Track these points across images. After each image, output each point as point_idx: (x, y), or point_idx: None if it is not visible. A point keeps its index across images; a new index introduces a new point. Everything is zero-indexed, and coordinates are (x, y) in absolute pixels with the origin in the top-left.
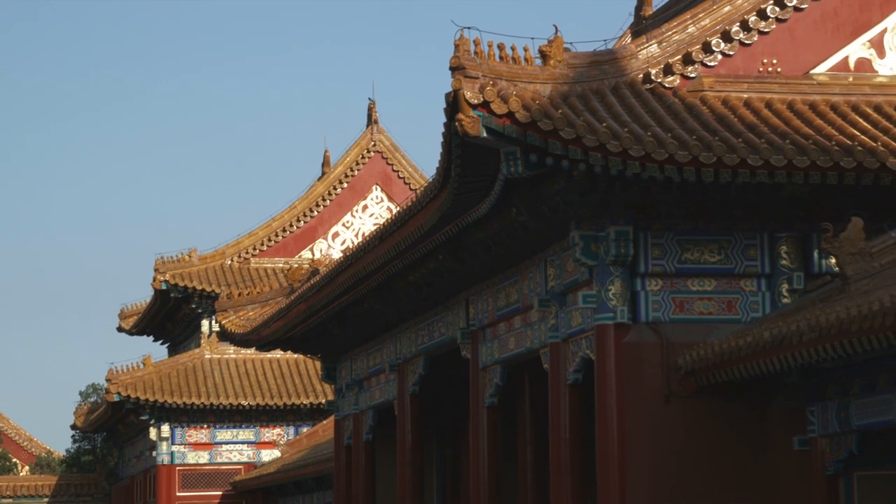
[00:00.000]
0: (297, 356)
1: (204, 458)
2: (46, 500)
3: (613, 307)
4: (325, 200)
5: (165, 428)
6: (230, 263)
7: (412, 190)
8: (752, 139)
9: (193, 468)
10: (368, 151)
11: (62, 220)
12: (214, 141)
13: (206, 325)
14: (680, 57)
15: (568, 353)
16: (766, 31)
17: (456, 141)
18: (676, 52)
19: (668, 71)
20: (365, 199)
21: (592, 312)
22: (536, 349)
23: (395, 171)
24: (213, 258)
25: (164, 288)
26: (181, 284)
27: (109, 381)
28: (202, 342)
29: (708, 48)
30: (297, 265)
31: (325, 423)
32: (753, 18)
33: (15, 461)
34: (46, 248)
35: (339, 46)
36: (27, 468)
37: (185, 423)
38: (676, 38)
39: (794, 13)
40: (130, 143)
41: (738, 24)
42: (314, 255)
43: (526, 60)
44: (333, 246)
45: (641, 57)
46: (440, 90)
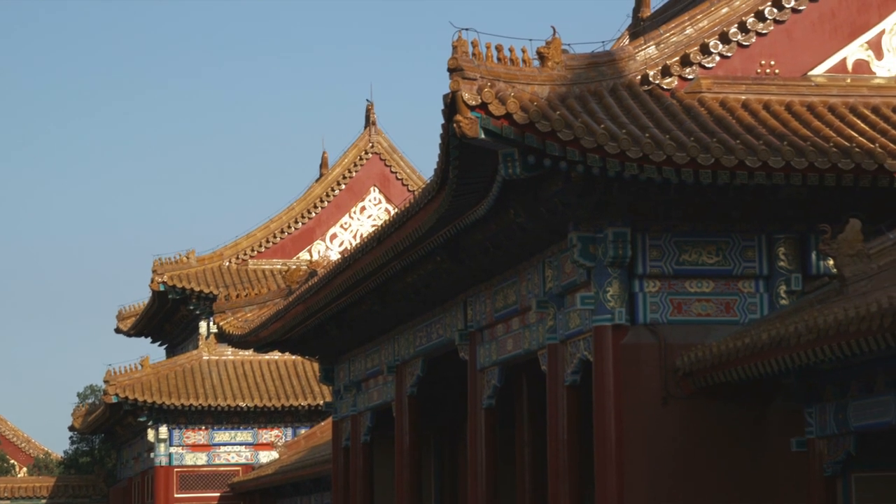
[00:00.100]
0: (295, 358)
1: (202, 459)
2: (44, 501)
3: (611, 309)
4: (323, 202)
5: (163, 429)
6: (228, 265)
7: (410, 191)
8: (750, 141)
9: (191, 470)
10: (366, 153)
11: (61, 221)
12: (213, 143)
13: (204, 326)
14: (678, 58)
15: (566, 354)
16: (763, 32)
17: (454, 142)
18: (674, 53)
19: (665, 72)
20: (363, 200)
21: (590, 314)
22: (534, 351)
23: (393, 172)
24: (211, 260)
25: (161, 289)
26: (179, 286)
27: (107, 382)
28: (200, 344)
29: (706, 50)
30: (295, 267)
31: (323, 424)
32: (751, 20)
33: (13, 462)
34: (45, 249)
35: (337, 48)
36: (25, 470)
37: (183, 424)
38: (674, 39)
39: (791, 15)
40: (129, 144)
41: (736, 25)
42: (312, 256)
43: (524, 62)
44: (331, 247)
45: (639, 58)
46: (438, 92)
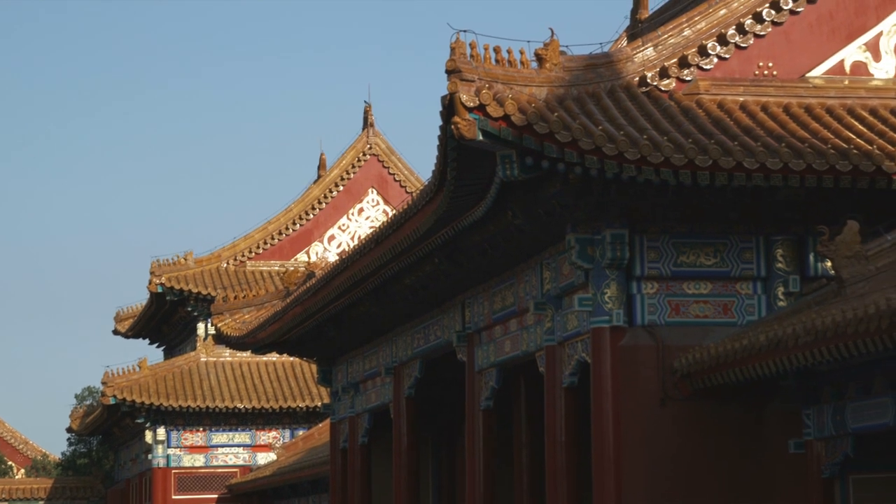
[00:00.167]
0: (292, 359)
1: (200, 461)
2: (42, 503)
3: (609, 310)
4: (320, 203)
5: (161, 431)
6: (226, 266)
7: (408, 193)
8: (747, 142)
9: (189, 471)
10: (364, 154)
11: (59, 222)
12: (210, 144)
13: (201, 328)
14: (676, 60)
15: (564, 356)
16: (761, 34)
17: (452, 144)
18: (672, 55)
19: (663, 74)
20: (361, 202)
21: (588, 315)
22: (532, 352)
23: (391, 174)
24: (208, 261)
25: (159, 291)
26: (177, 287)
27: (105, 383)
28: (198, 345)
29: (704, 51)
30: (292, 268)
31: (320, 426)
32: (749, 22)
33: (10, 464)
34: (43, 250)
35: (335, 49)
36: (23, 471)
37: (180, 426)
38: (672, 41)
39: (789, 16)
40: (127, 145)
41: (733, 27)
42: (310, 258)
43: (522, 63)
44: (329, 249)
45: (637, 60)
46: (436, 93)
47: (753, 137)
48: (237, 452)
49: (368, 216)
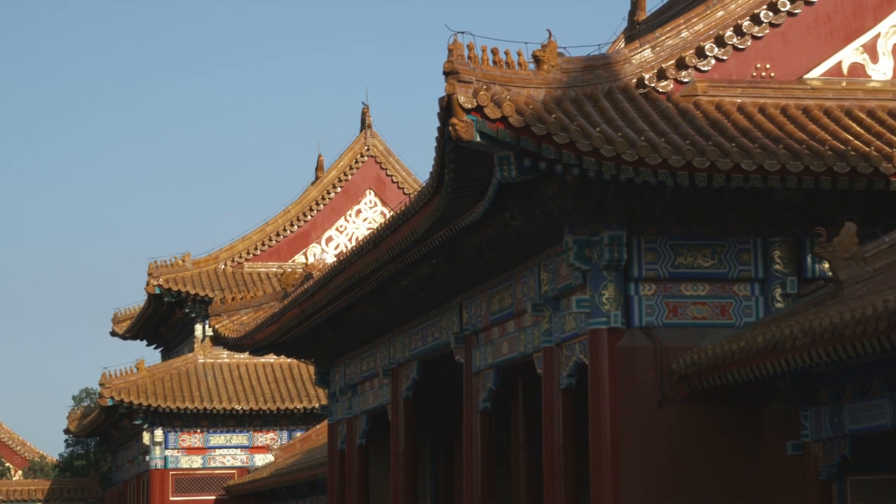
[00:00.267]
0: (290, 361)
1: (197, 462)
2: None
3: (607, 312)
4: (318, 205)
5: (159, 432)
6: (224, 268)
7: (406, 194)
8: (745, 144)
9: (187, 473)
10: (362, 156)
11: (58, 223)
12: (208, 146)
13: (199, 329)
14: (673, 62)
15: (561, 357)
16: (759, 35)
17: (450, 145)
18: (670, 56)
19: (661, 76)
20: (359, 203)
21: (586, 317)
22: (530, 354)
23: (388, 175)
24: (206, 262)
25: (157, 292)
26: (175, 289)
27: (103, 385)
28: (196, 346)
29: (701, 53)
30: (290, 269)
31: (318, 427)
32: (747, 23)
33: (8, 466)
34: (42, 251)
35: (333, 51)
36: (20, 473)
37: (178, 427)
38: (670, 42)
39: (787, 18)
40: (125, 148)
41: (731, 28)
42: (308, 259)
43: (519, 65)
44: (327, 250)
45: (635, 62)
46: (434, 95)
47: (751, 139)
48: (235, 454)
49: (366, 218)
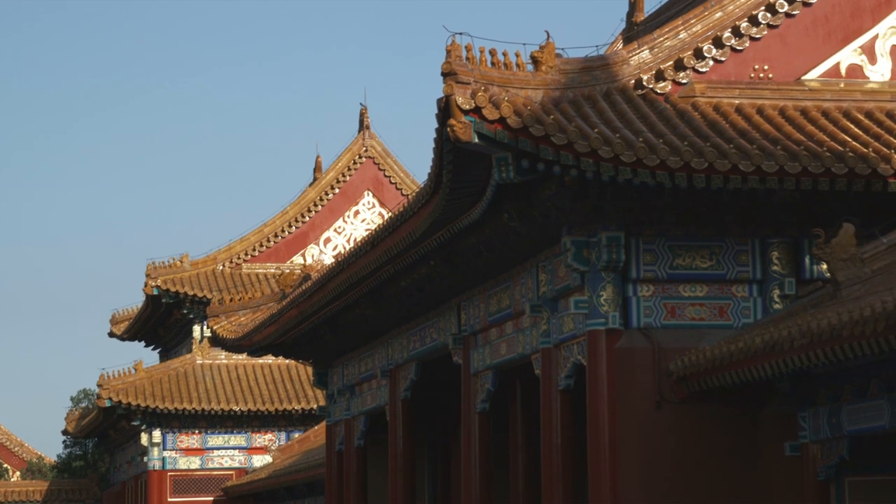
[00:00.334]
0: (288, 362)
1: (195, 463)
2: None
3: (605, 313)
4: (316, 206)
5: (157, 433)
6: (222, 269)
7: (404, 195)
8: (743, 145)
9: (185, 474)
10: (360, 157)
11: (56, 224)
12: (206, 147)
13: (197, 330)
14: (671, 63)
15: (559, 358)
16: (757, 37)
17: (448, 146)
18: (668, 58)
19: (659, 77)
20: (357, 204)
21: (584, 318)
22: (528, 355)
23: (386, 176)
24: (204, 263)
25: (155, 293)
26: (173, 290)
27: (101, 386)
28: (194, 348)
29: (699, 54)
30: (288, 271)
31: (316, 428)
32: (745, 24)
33: (6, 467)
34: (39, 252)
35: (331, 52)
36: (18, 474)
37: (176, 428)
38: (668, 44)
39: (785, 19)
40: (123, 148)
41: (729, 30)
42: (306, 260)
43: (517, 66)
44: (325, 251)
45: (633, 63)
46: (432, 96)
47: (749, 140)
48: (233, 455)
49: (364, 219)
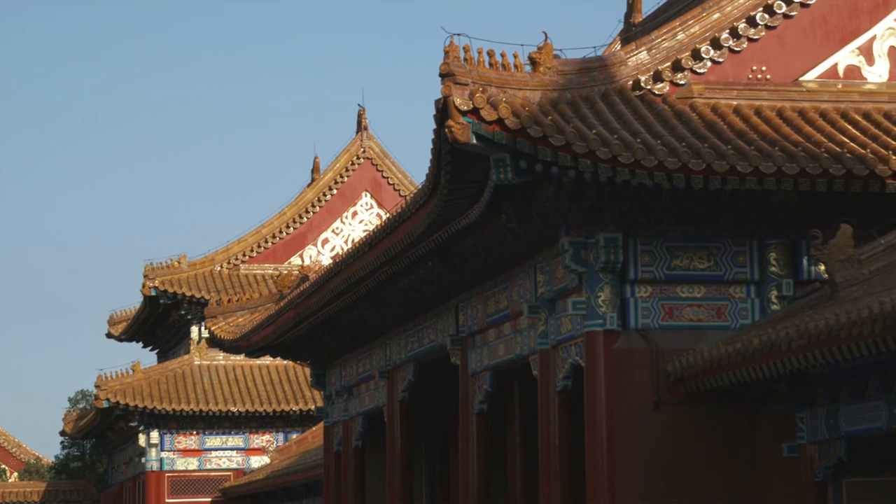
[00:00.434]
0: (286, 362)
1: (193, 464)
2: None
3: (603, 314)
4: (314, 207)
5: (154, 434)
6: (220, 270)
7: (402, 196)
8: (741, 146)
9: (182, 474)
10: (358, 158)
11: (54, 225)
12: (204, 148)
13: (195, 331)
14: (669, 64)
15: (557, 359)
16: (755, 38)
17: (445, 147)
18: (666, 58)
19: (657, 78)
20: (354, 205)
21: (582, 319)
22: (526, 356)
23: (384, 177)
24: (202, 264)
25: (153, 294)
26: (170, 291)
27: (98, 387)
28: (191, 348)
29: (697, 55)
30: (286, 272)
31: (314, 429)
32: (743, 25)
33: (3, 467)
34: (37, 252)
35: (328, 53)
36: (16, 474)
37: (174, 429)
38: (666, 45)
39: (783, 20)
40: (121, 150)
41: (727, 31)
42: (304, 261)
43: (515, 67)
44: (323, 252)
45: (631, 64)
46: (430, 97)
47: (747, 141)
48: (231, 456)
49: (362, 220)
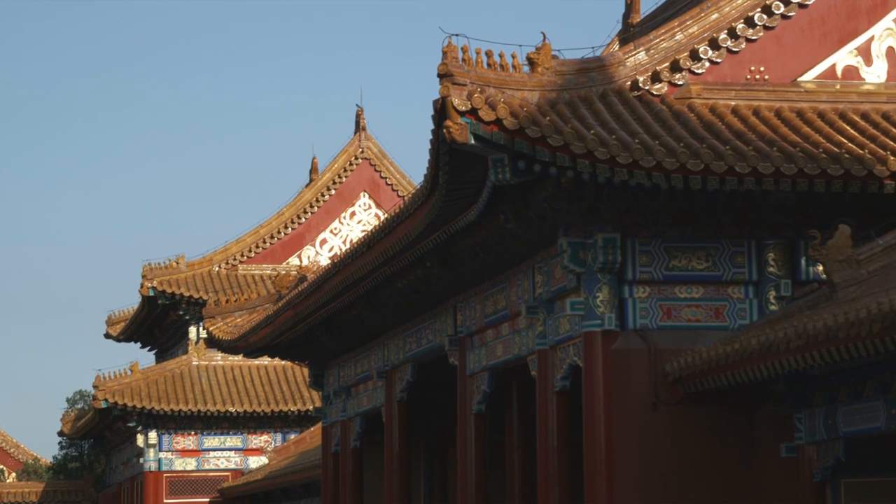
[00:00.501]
0: (284, 363)
1: (191, 464)
2: None
3: (601, 314)
4: (312, 207)
5: (153, 434)
6: (218, 270)
7: (400, 197)
8: (739, 146)
9: (181, 475)
10: (356, 158)
11: (53, 225)
12: (203, 148)
13: (193, 331)
14: (668, 64)
15: (555, 360)
16: (753, 38)
17: (444, 148)
18: (664, 59)
19: (655, 78)
20: (353, 205)
21: (580, 319)
22: (524, 356)
23: (382, 177)
24: (200, 265)
25: (151, 294)
26: (169, 291)
27: (97, 387)
28: (190, 349)
29: (695, 55)
30: (284, 272)
31: (312, 429)
32: (741, 26)
33: (1, 468)
34: (36, 253)
35: (327, 53)
36: (14, 475)
37: (172, 429)
38: (664, 45)
39: (781, 21)
40: (121, 150)
41: (725, 31)
42: (302, 261)
43: (514, 67)
44: (321, 253)
45: (629, 64)
46: (428, 97)
47: (745, 142)
48: (229, 456)
49: (360, 220)
